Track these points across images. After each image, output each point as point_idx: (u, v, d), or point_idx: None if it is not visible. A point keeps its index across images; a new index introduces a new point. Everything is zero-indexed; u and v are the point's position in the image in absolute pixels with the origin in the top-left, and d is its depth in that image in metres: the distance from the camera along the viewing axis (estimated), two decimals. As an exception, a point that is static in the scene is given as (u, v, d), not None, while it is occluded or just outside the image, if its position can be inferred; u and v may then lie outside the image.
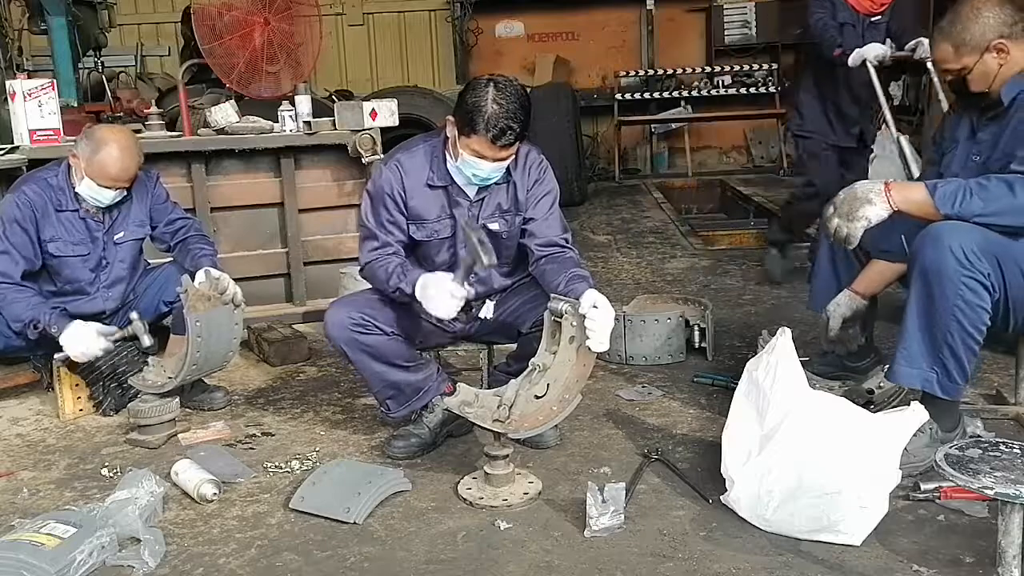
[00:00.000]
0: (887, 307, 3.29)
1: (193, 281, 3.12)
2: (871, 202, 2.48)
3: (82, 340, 3.07)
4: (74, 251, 3.26)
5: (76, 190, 3.21)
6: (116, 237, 3.33)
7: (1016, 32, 2.50)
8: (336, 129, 4.38)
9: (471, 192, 2.78)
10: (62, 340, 3.07)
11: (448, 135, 2.70)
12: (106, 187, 3.17)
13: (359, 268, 2.86)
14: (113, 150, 3.12)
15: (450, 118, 2.67)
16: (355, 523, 2.41)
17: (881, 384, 2.85)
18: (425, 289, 2.59)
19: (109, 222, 3.31)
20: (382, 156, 4.05)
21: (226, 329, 3.17)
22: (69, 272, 3.28)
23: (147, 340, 3.11)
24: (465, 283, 2.56)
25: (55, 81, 4.21)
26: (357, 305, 2.79)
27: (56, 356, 3.15)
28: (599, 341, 2.40)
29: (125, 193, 3.27)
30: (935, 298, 2.38)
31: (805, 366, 2.70)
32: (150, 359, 3.18)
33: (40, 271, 3.27)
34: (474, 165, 2.64)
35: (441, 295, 2.55)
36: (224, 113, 4.38)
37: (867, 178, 3.16)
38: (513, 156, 2.69)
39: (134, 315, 3.14)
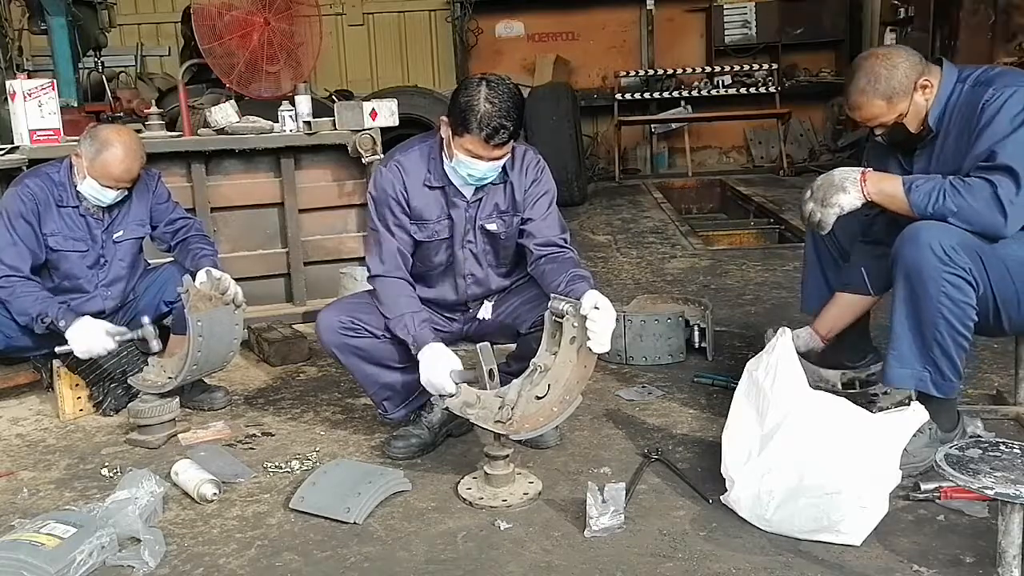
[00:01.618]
0: (886, 307, 3.28)
1: (194, 281, 3.12)
2: (845, 190, 2.55)
3: (89, 337, 3.06)
4: (74, 246, 3.25)
5: (78, 188, 3.21)
6: (115, 236, 3.33)
7: (925, 66, 2.56)
8: (336, 129, 4.38)
9: (468, 192, 2.78)
10: (68, 335, 3.06)
11: (442, 136, 2.70)
12: (108, 187, 3.17)
13: (368, 276, 2.86)
14: (117, 151, 3.12)
15: (443, 118, 2.66)
16: (355, 523, 2.41)
17: (887, 391, 2.84)
18: (424, 366, 2.59)
19: (109, 220, 3.31)
20: (382, 156, 4.05)
21: (227, 329, 3.17)
22: (68, 267, 3.28)
23: (156, 345, 3.10)
24: (460, 386, 2.55)
25: (55, 81, 4.20)
26: (347, 309, 2.80)
27: (57, 349, 3.13)
28: (600, 342, 2.40)
29: (126, 193, 3.27)
30: (919, 297, 2.40)
31: (805, 356, 2.72)
32: (150, 359, 3.18)
33: (40, 266, 3.27)
34: (469, 165, 2.64)
35: (438, 380, 2.55)
36: (224, 113, 4.38)
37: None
38: (508, 155, 2.69)
39: (146, 319, 3.12)
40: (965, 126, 2.51)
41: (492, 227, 2.81)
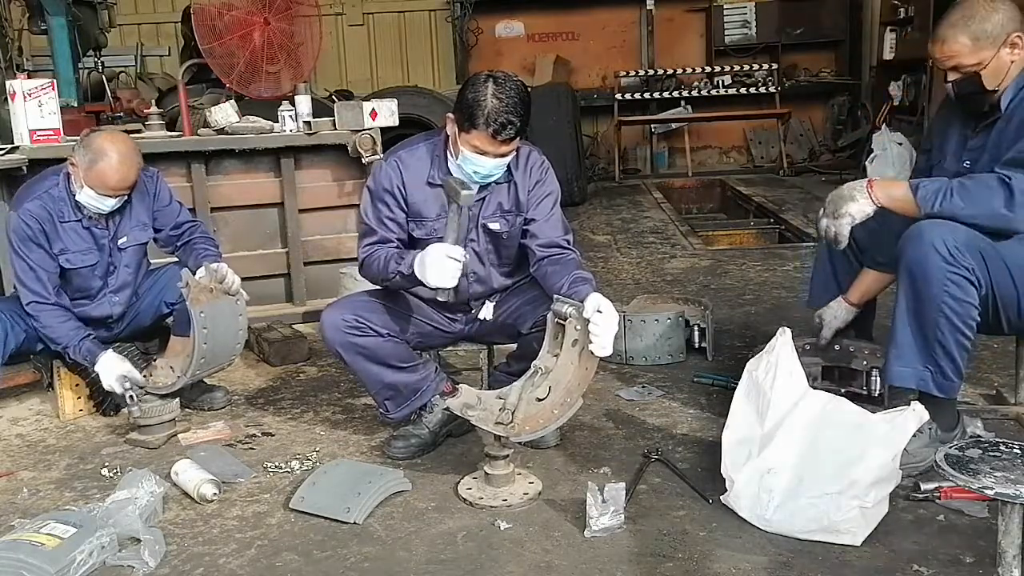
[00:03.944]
0: (885, 307, 3.28)
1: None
2: (854, 199, 2.54)
3: (105, 375, 3.10)
4: (83, 261, 3.21)
5: (76, 199, 3.16)
6: (120, 242, 3.29)
7: None
8: (336, 129, 4.38)
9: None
10: (96, 368, 3.10)
11: (448, 133, 2.70)
12: (106, 195, 3.14)
13: (358, 265, 2.87)
14: (112, 160, 3.06)
15: (450, 115, 2.67)
16: (355, 523, 2.41)
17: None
18: (423, 264, 2.55)
19: (113, 228, 3.27)
20: (382, 156, 4.04)
21: (231, 320, 3.17)
22: (80, 281, 3.25)
23: (136, 411, 3.06)
24: (460, 241, 2.52)
25: (55, 81, 4.21)
26: (352, 307, 2.79)
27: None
28: (602, 346, 2.39)
29: (126, 198, 3.25)
30: (922, 296, 2.39)
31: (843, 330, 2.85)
32: (158, 361, 3.18)
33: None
34: (475, 162, 2.64)
35: (439, 261, 2.51)
36: (224, 113, 4.38)
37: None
38: (514, 152, 2.69)
39: (132, 397, 3.10)
40: None
41: (495, 226, 2.81)
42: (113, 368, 3.10)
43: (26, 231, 3.12)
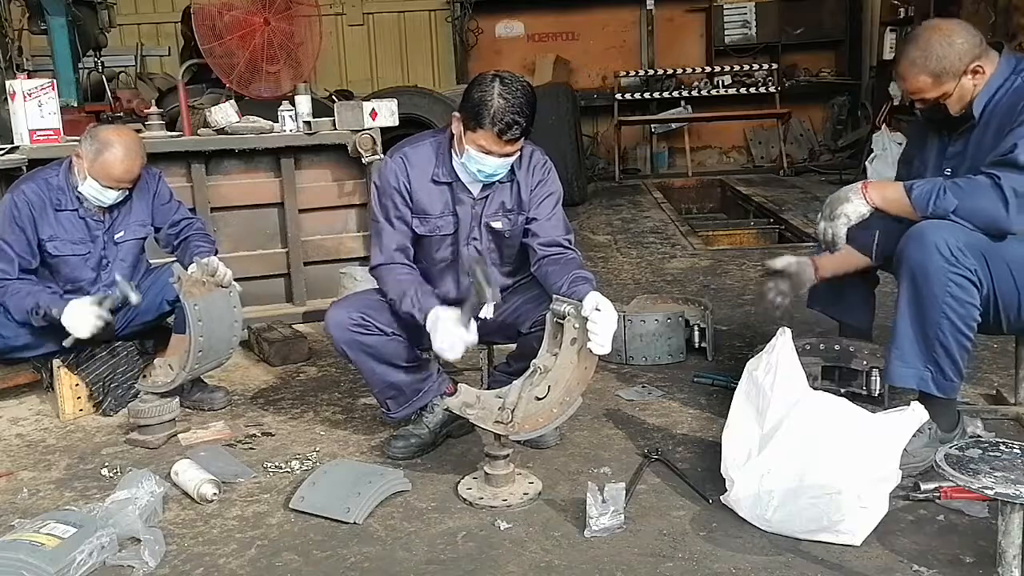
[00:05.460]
0: (885, 307, 3.28)
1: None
2: (849, 200, 2.57)
3: (81, 315, 3.07)
4: (73, 250, 3.25)
5: (79, 189, 3.21)
6: (116, 236, 3.33)
7: (984, 50, 2.52)
8: (336, 129, 4.38)
9: (475, 189, 2.78)
10: (64, 321, 3.07)
11: (453, 131, 2.71)
12: (109, 187, 3.17)
13: (369, 267, 2.87)
14: (117, 151, 3.11)
15: (455, 114, 2.68)
16: (355, 523, 2.41)
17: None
18: (435, 330, 2.58)
19: (109, 221, 3.31)
20: (382, 156, 4.05)
21: (225, 312, 3.17)
22: (69, 271, 3.28)
23: (135, 297, 3.08)
24: (471, 324, 2.55)
25: (55, 81, 4.21)
26: (357, 305, 2.79)
27: (65, 343, 3.13)
28: (601, 344, 2.40)
29: (127, 193, 3.27)
30: (923, 296, 2.40)
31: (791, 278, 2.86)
32: (156, 360, 3.18)
33: (42, 270, 3.27)
34: (480, 160, 2.64)
35: (450, 338, 2.54)
36: (224, 113, 4.38)
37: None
38: (518, 152, 2.69)
39: (118, 276, 3.13)
40: (1006, 119, 2.48)
41: (498, 225, 2.81)
42: (82, 304, 3.08)
43: (14, 212, 3.17)
